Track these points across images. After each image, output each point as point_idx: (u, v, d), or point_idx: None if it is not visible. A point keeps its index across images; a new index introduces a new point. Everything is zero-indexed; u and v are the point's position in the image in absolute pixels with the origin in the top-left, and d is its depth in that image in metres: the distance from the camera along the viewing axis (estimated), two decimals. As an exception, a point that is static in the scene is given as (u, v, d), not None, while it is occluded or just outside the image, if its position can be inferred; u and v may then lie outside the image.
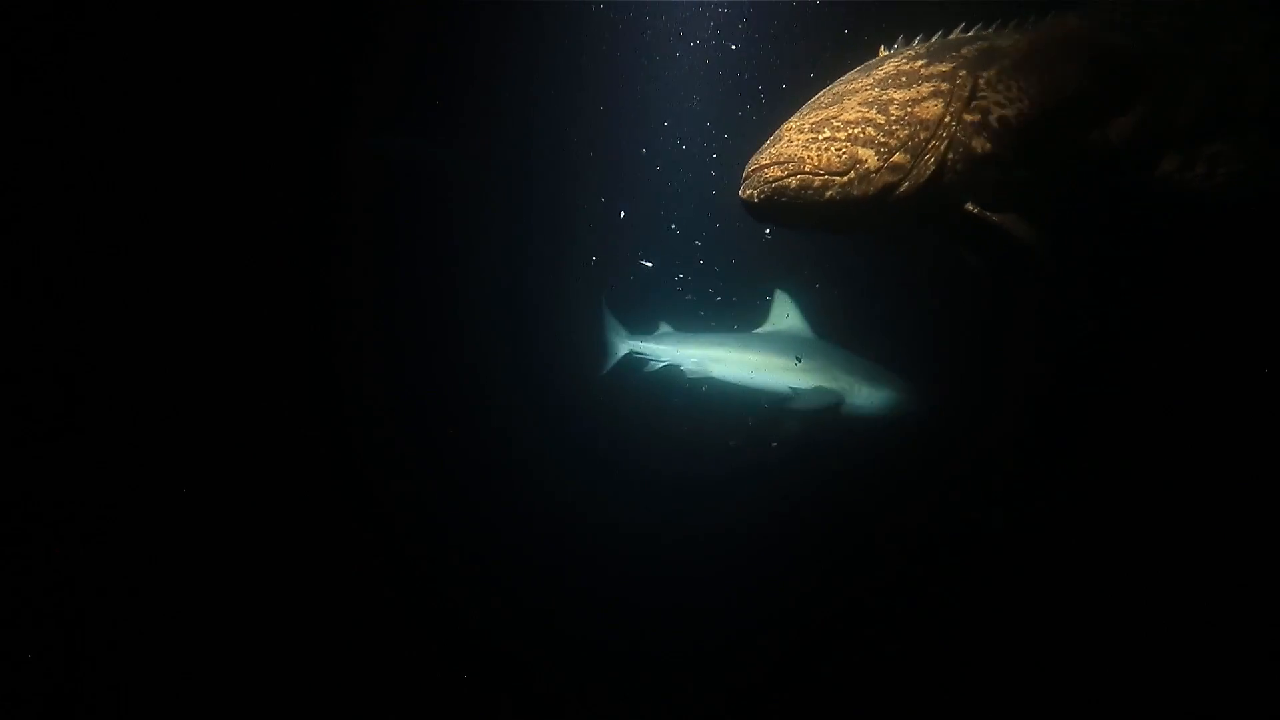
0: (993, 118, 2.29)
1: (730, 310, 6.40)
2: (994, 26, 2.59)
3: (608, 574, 5.59)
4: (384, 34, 6.15)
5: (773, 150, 2.29)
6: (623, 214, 6.80)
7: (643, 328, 6.24)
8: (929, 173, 2.26)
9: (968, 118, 2.28)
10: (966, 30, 2.63)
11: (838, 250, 5.60)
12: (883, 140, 2.24)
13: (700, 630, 5.21)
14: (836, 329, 5.73)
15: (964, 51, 2.42)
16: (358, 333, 6.61)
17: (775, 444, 5.65)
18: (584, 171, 6.99)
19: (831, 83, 2.55)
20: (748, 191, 2.30)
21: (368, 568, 5.51)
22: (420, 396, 6.85)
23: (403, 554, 5.82)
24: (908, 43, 2.63)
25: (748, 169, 2.33)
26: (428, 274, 7.14)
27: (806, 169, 2.22)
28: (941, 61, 2.37)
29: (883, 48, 2.67)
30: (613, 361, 6.15)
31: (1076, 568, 4.36)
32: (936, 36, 2.62)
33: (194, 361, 5.39)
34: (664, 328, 6.20)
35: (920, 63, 2.39)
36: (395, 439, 6.53)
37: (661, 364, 5.91)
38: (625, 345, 6.13)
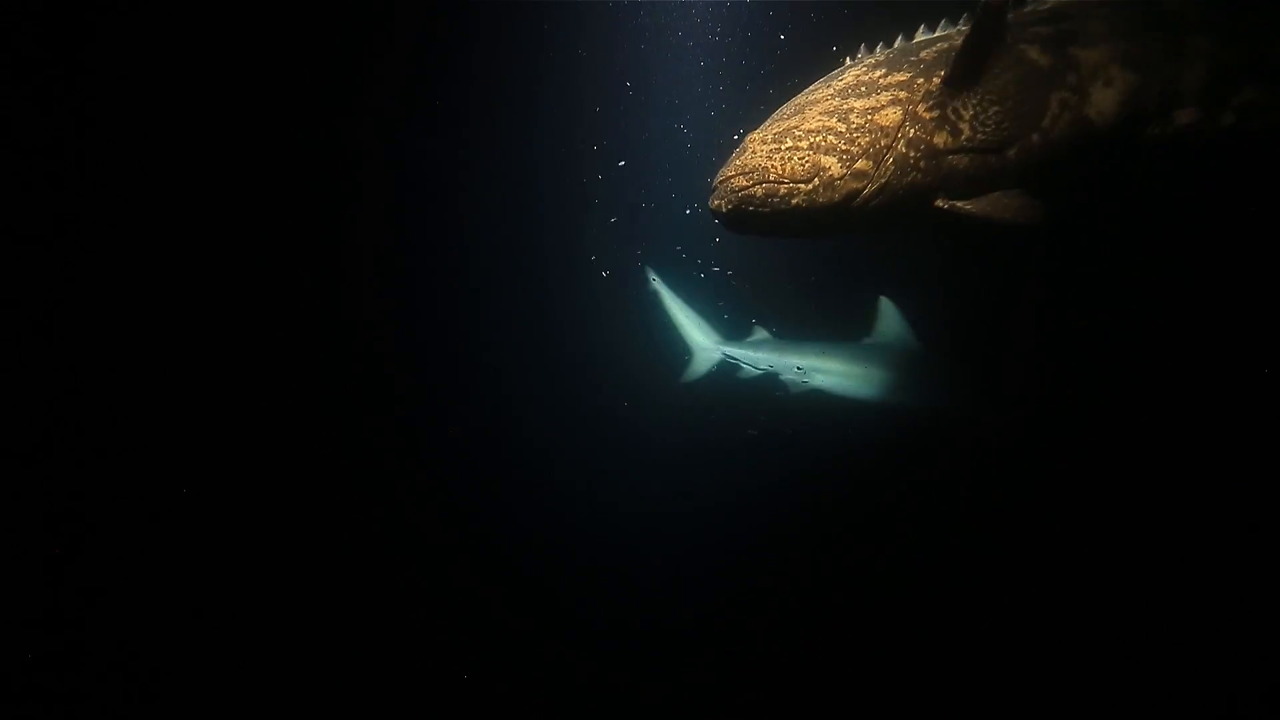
0: (949, 110, 2.33)
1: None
2: (959, 24, 2.63)
3: (617, 559, 5.74)
4: (392, 25, 6.09)
5: (738, 162, 2.40)
6: (614, 220, 6.73)
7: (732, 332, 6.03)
8: (890, 174, 2.32)
9: (926, 115, 2.33)
10: (931, 31, 2.68)
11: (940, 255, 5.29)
12: (845, 148, 2.32)
13: (713, 608, 5.38)
14: (945, 339, 5.36)
15: (923, 55, 2.49)
16: (368, 330, 6.71)
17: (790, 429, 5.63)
18: (600, 166, 6.94)
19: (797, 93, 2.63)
20: (716, 202, 2.41)
21: (385, 566, 5.63)
22: (433, 389, 6.92)
23: (420, 549, 5.97)
24: (870, 51, 2.69)
25: (715, 180, 2.44)
26: (441, 265, 7.10)
27: (771, 178, 2.33)
28: (900, 69, 2.44)
29: (847, 58, 2.74)
30: (705, 368, 5.94)
31: (1077, 554, 4.26)
32: (898, 41, 2.68)
33: (203, 358, 5.42)
34: (760, 333, 5.92)
35: (880, 72, 2.47)
36: (405, 432, 6.63)
37: (758, 371, 5.63)
38: (717, 351, 5.94)
